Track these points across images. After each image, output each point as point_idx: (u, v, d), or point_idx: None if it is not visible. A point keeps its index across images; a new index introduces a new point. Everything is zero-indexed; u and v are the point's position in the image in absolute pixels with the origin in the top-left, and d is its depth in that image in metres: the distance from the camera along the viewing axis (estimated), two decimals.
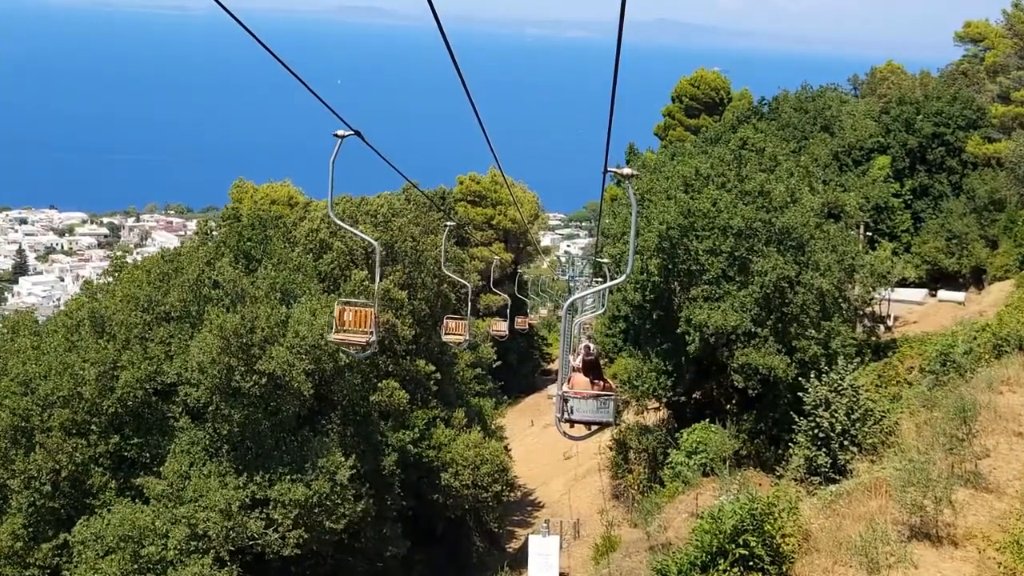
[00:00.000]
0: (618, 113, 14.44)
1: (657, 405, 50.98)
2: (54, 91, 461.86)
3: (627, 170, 17.99)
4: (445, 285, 48.95)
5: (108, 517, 31.80)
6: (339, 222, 26.45)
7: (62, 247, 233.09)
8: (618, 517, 48.47)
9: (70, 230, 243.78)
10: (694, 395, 48.37)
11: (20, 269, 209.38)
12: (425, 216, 51.74)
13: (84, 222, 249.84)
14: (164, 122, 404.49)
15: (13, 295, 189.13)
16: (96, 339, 34.51)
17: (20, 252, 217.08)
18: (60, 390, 33.02)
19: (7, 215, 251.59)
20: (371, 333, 23.95)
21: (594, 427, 21.53)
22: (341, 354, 34.79)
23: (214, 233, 43.42)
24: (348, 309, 24.57)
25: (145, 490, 32.92)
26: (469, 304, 36.00)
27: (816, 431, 31.33)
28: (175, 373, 34.31)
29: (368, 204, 47.60)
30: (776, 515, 20.45)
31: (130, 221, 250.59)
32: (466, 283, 37.06)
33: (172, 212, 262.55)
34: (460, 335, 40.89)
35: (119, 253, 45.92)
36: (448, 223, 26.54)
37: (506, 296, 65.02)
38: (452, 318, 42.04)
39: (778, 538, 19.95)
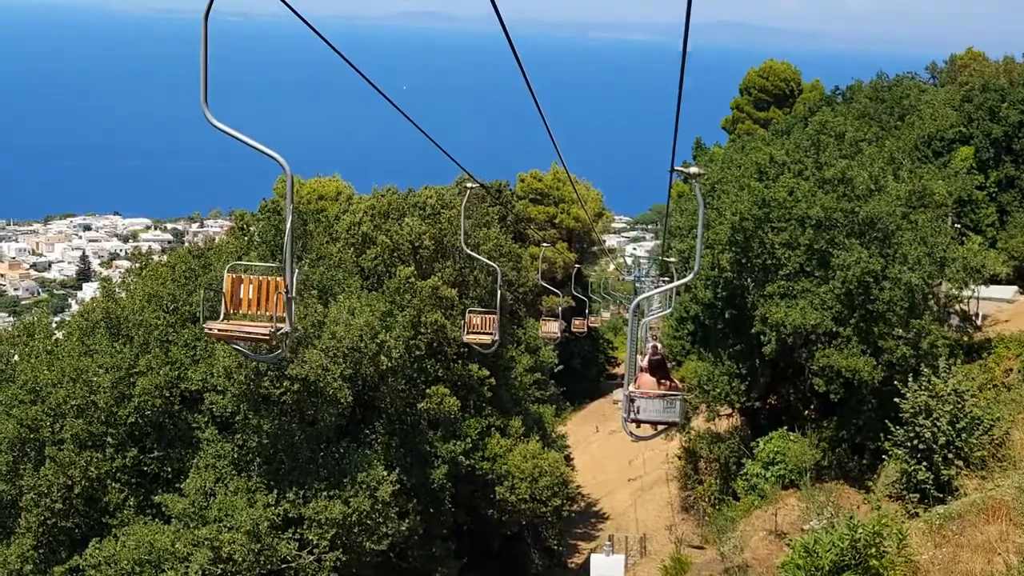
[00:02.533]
0: (683, 114, 14.46)
1: (729, 411, 48.01)
2: (119, 97, 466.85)
3: (694, 168, 18.43)
4: (500, 283, 45.81)
5: (123, 539, 28.92)
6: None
7: (126, 253, 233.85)
8: (688, 532, 45.69)
9: (134, 236, 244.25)
10: (770, 400, 45.66)
11: (84, 275, 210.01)
12: (478, 208, 48.71)
13: (148, 228, 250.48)
14: (234, 125, 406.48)
15: (77, 301, 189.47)
16: (112, 342, 31.64)
17: (84, 258, 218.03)
18: (73, 398, 30.13)
19: (72, 221, 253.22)
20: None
21: (661, 427, 20.94)
22: (383, 351, 33.38)
23: (251, 228, 40.63)
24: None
25: (165, 508, 29.99)
26: (499, 293, 32.06)
27: (915, 442, 28.26)
28: (200, 379, 31.40)
29: (416, 196, 44.70)
30: (883, 547, 16.98)
31: (194, 227, 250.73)
32: (494, 265, 32.76)
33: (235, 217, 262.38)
34: (487, 334, 34.61)
35: (144, 250, 43.36)
36: (469, 184, 22.75)
37: (567, 298, 62.31)
38: (477, 312, 35.99)
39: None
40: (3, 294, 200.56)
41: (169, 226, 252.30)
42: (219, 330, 14.26)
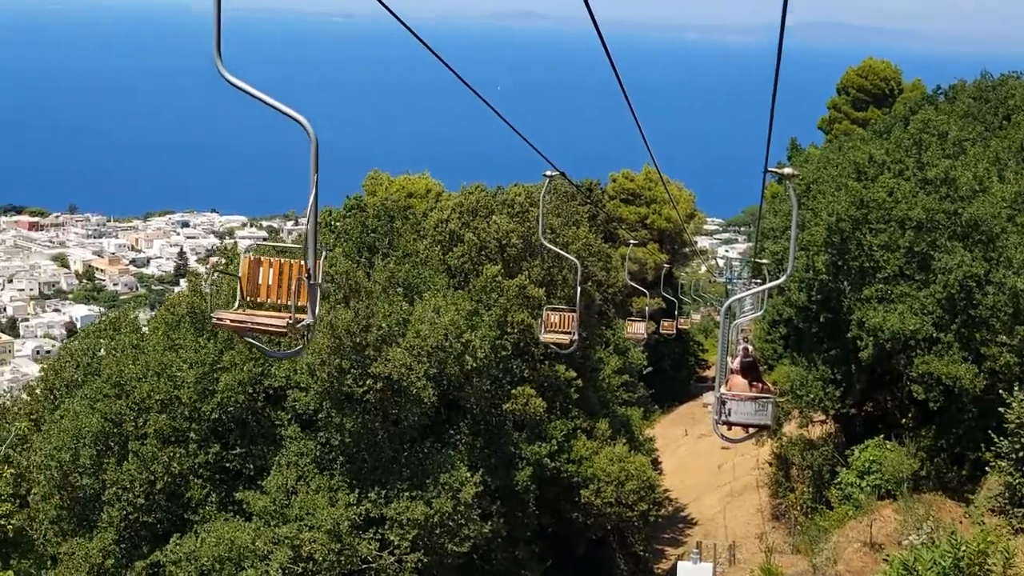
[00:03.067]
0: (778, 115, 14.48)
1: (823, 417, 46.82)
2: (217, 96, 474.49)
3: (788, 169, 17.73)
4: (590, 282, 45.06)
5: (204, 535, 28.75)
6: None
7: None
8: (779, 541, 44.59)
9: (230, 233, 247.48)
10: (865, 407, 44.40)
11: (181, 271, 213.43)
12: (567, 206, 47.97)
13: (244, 225, 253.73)
14: (326, 125, 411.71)
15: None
16: (196, 337, 31.50)
17: (181, 254, 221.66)
18: (157, 393, 30.08)
19: (170, 218, 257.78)
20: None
21: (752, 430, 20.54)
22: (468, 351, 32.93)
23: (336, 224, 40.41)
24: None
25: (246, 505, 29.76)
26: (579, 290, 30.79)
27: (1021, 454, 27.04)
28: (283, 376, 31.15)
29: (504, 193, 44.07)
30: (988, 566, 15.98)
31: (289, 224, 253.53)
32: (576, 260, 31.47)
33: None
34: (566, 334, 32.13)
35: (231, 244, 43.38)
36: (549, 172, 21.55)
37: (657, 299, 61.34)
38: (556, 310, 33.30)
39: None
40: (103, 289, 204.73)
41: (264, 223, 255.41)
42: (231, 321, 12.37)
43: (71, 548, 29.74)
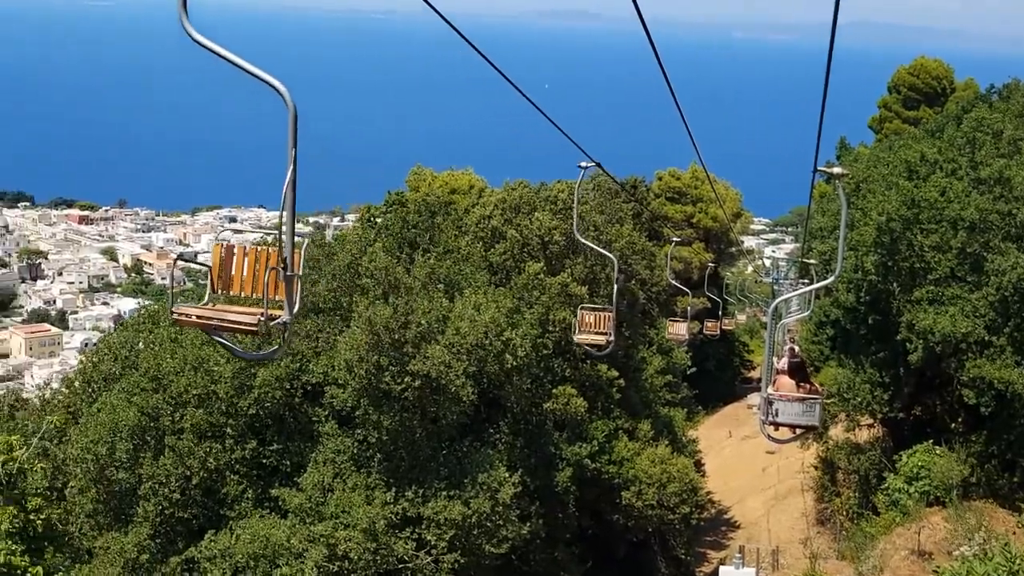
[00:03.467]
0: (827, 114, 14.56)
1: (870, 421, 46.00)
2: (262, 96, 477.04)
3: (837, 168, 17.77)
4: (634, 281, 44.45)
5: (239, 532, 28.44)
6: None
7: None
8: (823, 547, 43.83)
9: (276, 228, 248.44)
10: (914, 411, 43.65)
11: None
12: (611, 203, 47.32)
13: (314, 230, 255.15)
14: (369, 122, 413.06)
15: None
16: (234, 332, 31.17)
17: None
18: (194, 388, 29.78)
19: (218, 213, 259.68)
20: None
21: (799, 431, 20.89)
22: (508, 349, 32.12)
23: (377, 220, 40.06)
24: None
25: (282, 502, 29.43)
26: (615, 286, 29.83)
27: None
28: (321, 372, 30.79)
29: (548, 190, 43.52)
30: None
31: (335, 220, 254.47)
32: (611, 256, 29.61)
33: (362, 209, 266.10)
34: (601, 334, 30.80)
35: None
36: (585, 164, 20.44)
37: (702, 299, 60.66)
38: (591, 309, 32.17)
39: None
40: (151, 283, 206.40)
41: (311, 219, 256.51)
42: (196, 317, 11.06)
43: (106, 542, 29.50)
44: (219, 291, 11.57)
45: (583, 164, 16.61)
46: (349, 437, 30.48)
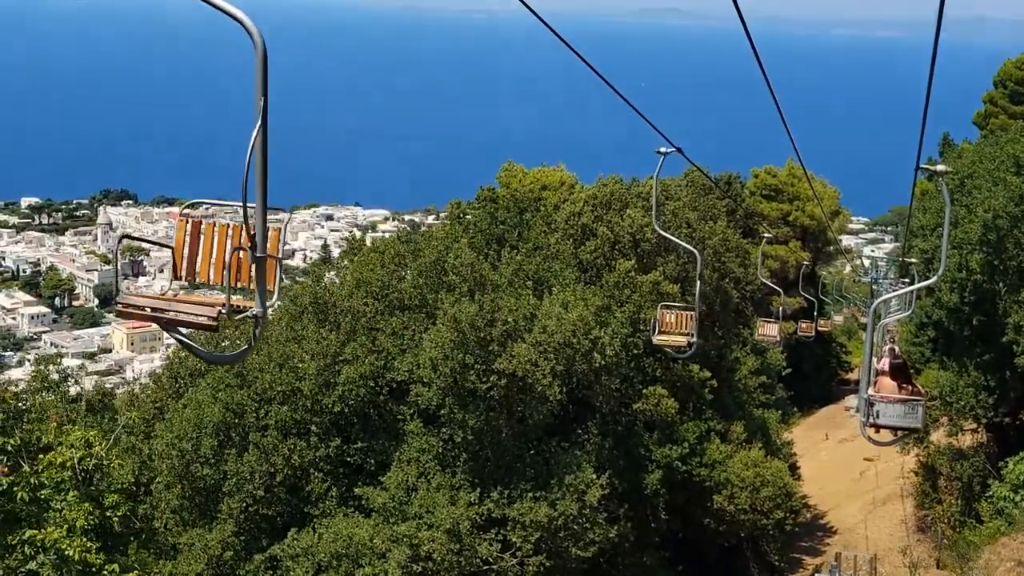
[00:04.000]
0: (930, 111, 14.30)
1: (974, 426, 44.46)
2: (365, 92, 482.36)
3: (940, 166, 17.52)
4: (727, 279, 43.39)
5: (321, 531, 28.17)
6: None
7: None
8: (923, 556, 42.38)
9: (373, 227, 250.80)
10: (1021, 416, 41.86)
11: (325, 262, 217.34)
12: (703, 200, 46.34)
13: (386, 219, 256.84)
14: (469, 120, 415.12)
15: None
16: (318, 328, 30.93)
17: (325, 247, 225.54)
18: (279, 384, 29.59)
19: (315, 211, 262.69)
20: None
21: (900, 433, 20.62)
22: (596, 348, 31.34)
23: (467, 216, 39.61)
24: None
25: (365, 501, 29.09)
26: (698, 283, 27.81)
27: None
28: (406, 370, 30.38)
29: (640, 186, 42.74)
30: None
31: (429, 219, 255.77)
32: (693, 249, 27.88)
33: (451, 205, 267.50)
34: (683, 335, 28.84)
35: (357, 235, 42.92)
36: (664, 149, 19.12)
37: (794, 298, 59.30)
38: (672, 308, 30.27)
39: None
40: (294, 286, 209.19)
41: (407, 218, 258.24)
42: (147, 308, 9.16)
43: (191, 539, 29.40)
44: (183, 277, 9.97)
45: (662, 150, 15.93)
46: (434, 436, 30.06)
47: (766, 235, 50.54)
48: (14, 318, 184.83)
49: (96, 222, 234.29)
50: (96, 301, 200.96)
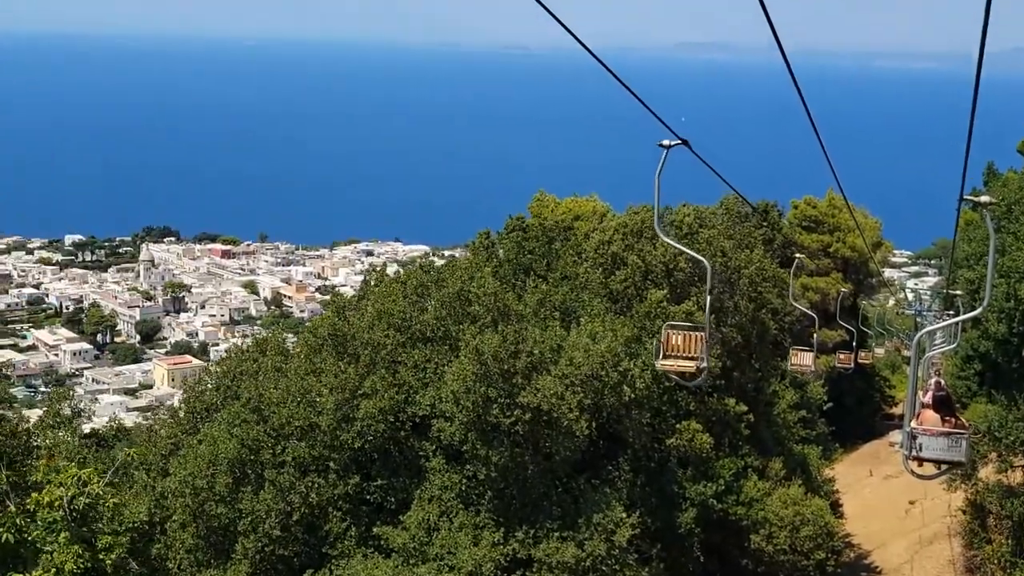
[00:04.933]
0: (974, 142, 14.34)
1: None
2: (403, 129, 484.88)
3: (984, 197, 16.97)
4: (764, 310, 42.10)
5: (339, 572, 27.06)
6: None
7: None
8: None
9: (412, 262, 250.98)
10: None
11: (363, 299, 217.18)
12: (739, 228, 45.10)
13: (426, 254, 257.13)
14: (509, 154, 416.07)
15: None
16: (337, 361, 29.94)
17: (366, 282, 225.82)
18: (296, 419, 28.62)
19: (356, 247, 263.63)
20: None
21: (944, 467, 20.11)
22: (626, 380, 30.10)
23: (495, 245, 38.63)
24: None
25: (385, 541, 27.97)
26: (708, 298, 24.80)
27: None
28: (428, 404, 29.31)
29: (672, 214, 41.62)
30: None
31: (469, 254, 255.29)
32: (704, 260, 21.92)
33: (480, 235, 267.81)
34: (691, 360, 24.48)
35: (379, 265, 42.03)
36: (666, 143, 17.55)
37: (839, 331, 57.84)
38: (679, 329, 25.83)
39: None
40: (290, 315, 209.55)
41: (446, 253, 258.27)
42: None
43: None
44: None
45: (665, 143, 14.84)
46: (457, 473, 28.96)
47: (799, 256, 48.65)
48: (57, 354, 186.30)
49: (138, 259, 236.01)
50: (137, 337, 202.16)
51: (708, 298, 19.59)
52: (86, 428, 35.57)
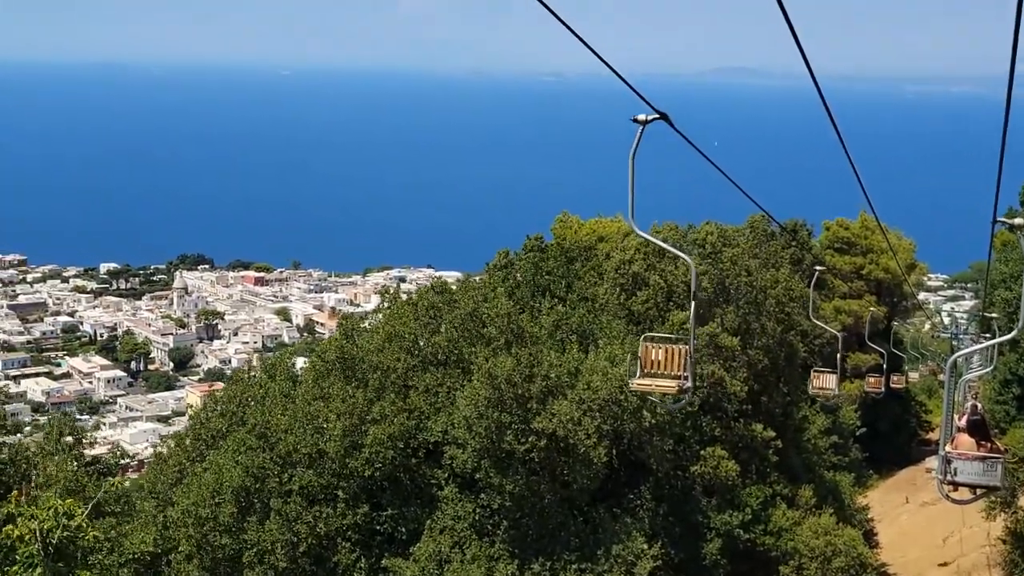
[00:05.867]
0: (1009, 164, 14.61)
1: None
2: (432, 157, 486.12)
3: (1019, 219, 17.24)
4: (793, 332, 40.79)
5: None
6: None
7: None
8: None
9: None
10: None
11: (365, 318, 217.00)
12: (766, 247, 43.75)
13: (458, 280, 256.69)
14: (547, 180, 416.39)
15: None
16: (345, 386, 28.91)
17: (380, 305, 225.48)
18: (304, 446, 27.60)
19: (388, 274, 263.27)
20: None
21: (979, 491, 20.10)
22: (646, 405, 28.55)
23: (513, 265, 37.61)
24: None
25: (394, 574, 26.87)
26: (692, 304, 22.74)
27: None
28: (440, 430, 28.23)
29: (695, 232, 40.43)
30: None
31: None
32: (687, 257, 17.49)
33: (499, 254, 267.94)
34: (672, 378, 20.11)
35: (393, 287, 41.05)
36: (640, 117, 16.18)
37: (873, 355, 56.45)
38: (658, 341, 21.30)
39: None
40: (322, 342, 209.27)
41: (478, 278, 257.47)
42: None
43: None
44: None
45: (641, 118, 13.56)
46: (471, 502, 27.87)
47: (819, 268, 46.52)
48: (91, 382, 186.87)
49: (172, 286, 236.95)
50: (171, 365, 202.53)
51: (692, 304, 17.83)
52: (100, 449, 34.87)
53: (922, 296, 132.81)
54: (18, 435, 35.97)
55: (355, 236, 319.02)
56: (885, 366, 56.32)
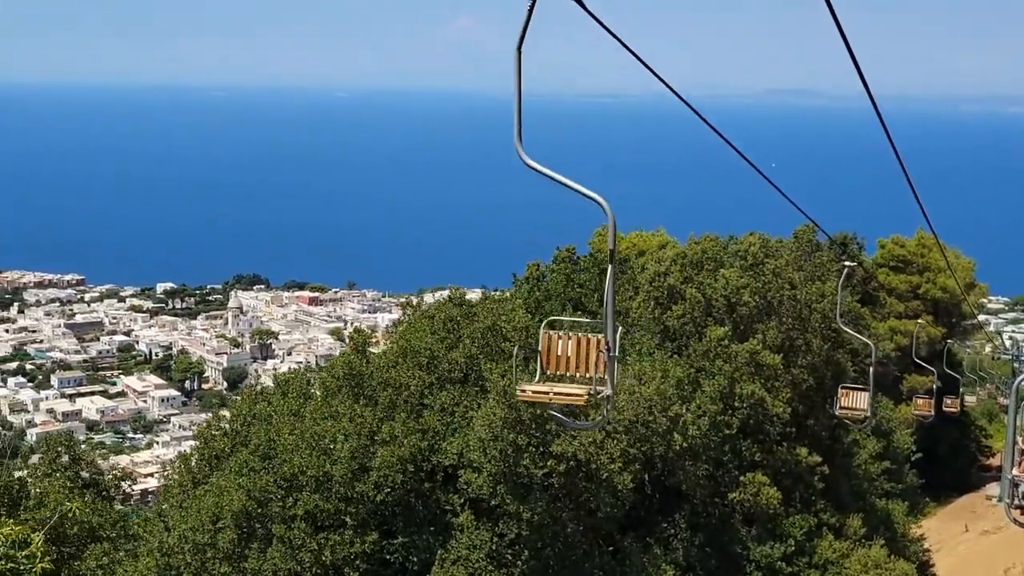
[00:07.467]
0: None
1: None
2: (489, 175, 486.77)
3: None
4: (841, 350, 38.52)
5: None
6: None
7: None
8: None
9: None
10: None
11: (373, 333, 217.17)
12: (811, 259, 41.53)
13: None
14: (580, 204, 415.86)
15: None
16: (353, 404, 27.13)
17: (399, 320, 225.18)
18: (309, 468, 25.81)
19: (441, 294, 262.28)
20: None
21: None
22: (677, 427, 26.84)
23: (544, 277, 35.77)
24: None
25: None
26: (608, 294, 20.75)
27: None
28: (455, 453, 26.37)
29: (737, 243, 38.38)
30: None
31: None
32: (598, 200, 16.55)
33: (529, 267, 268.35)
34: (578, 385, 17.04)
35: (414, 300, 39.37)
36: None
37: (931, 377, 53.98)
38: (564, 329, 18.13)
39: None
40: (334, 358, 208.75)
41: (506, 293, 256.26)
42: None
43: None
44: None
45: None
46: (488, 530, 25.95)
47: (848, 264, 43.48)
48: (145, 401, 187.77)
49: (227, 306, 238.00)
50: (225, 384, 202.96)
51: (610, 267, 10.77)
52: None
53: (982, 318, 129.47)
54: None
55: (410, 257, 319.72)
56: (935, 387, 53.82)
